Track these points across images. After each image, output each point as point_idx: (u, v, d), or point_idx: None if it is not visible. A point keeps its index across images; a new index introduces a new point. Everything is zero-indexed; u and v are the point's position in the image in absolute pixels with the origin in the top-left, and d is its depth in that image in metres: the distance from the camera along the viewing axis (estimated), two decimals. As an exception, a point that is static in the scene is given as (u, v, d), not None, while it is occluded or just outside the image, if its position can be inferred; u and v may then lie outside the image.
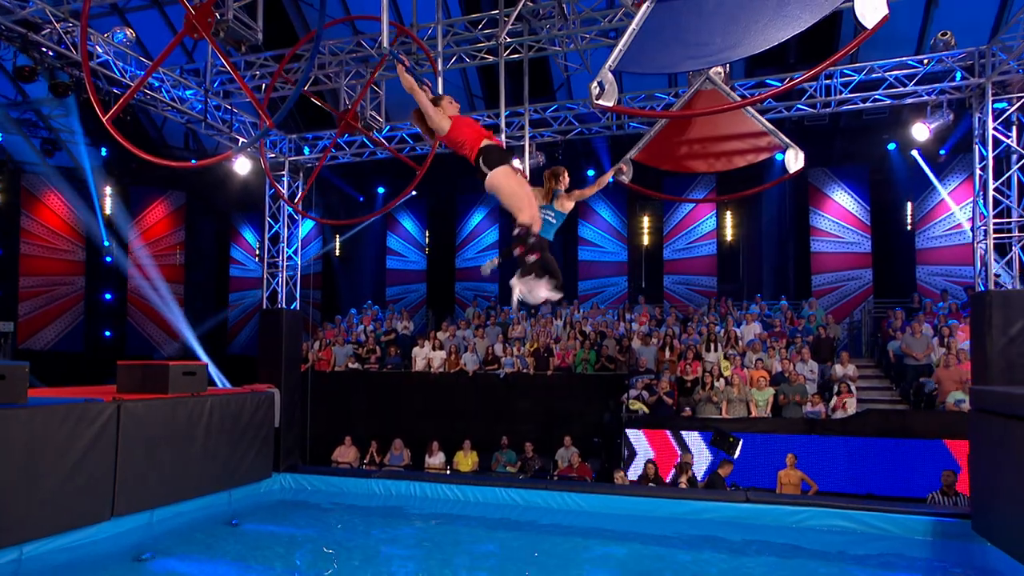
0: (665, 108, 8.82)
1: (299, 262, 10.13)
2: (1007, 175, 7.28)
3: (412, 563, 6.45)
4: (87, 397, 6.22)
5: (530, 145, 8.92)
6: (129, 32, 7.90)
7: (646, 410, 10.30)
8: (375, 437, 11.35)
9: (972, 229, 7.71)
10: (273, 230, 10.04)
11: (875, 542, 6.76)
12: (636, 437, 10.03)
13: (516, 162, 4.64)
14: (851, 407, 9.82)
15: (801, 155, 6.19)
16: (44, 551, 5.66)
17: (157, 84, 8.24)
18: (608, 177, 5.93)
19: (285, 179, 10.00)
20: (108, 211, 17.29)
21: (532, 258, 4.39)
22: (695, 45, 4.00)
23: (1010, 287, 7.19)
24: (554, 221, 5.12)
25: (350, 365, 13.16)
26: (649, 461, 9.31)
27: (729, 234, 15.93)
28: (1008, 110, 7.29)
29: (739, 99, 6.69)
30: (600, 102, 4.03)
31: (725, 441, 8.74)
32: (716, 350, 11.28)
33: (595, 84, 4.01)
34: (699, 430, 9.75)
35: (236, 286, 18.65)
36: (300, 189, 10.20)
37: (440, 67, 5.74)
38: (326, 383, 12.25)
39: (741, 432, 9.09)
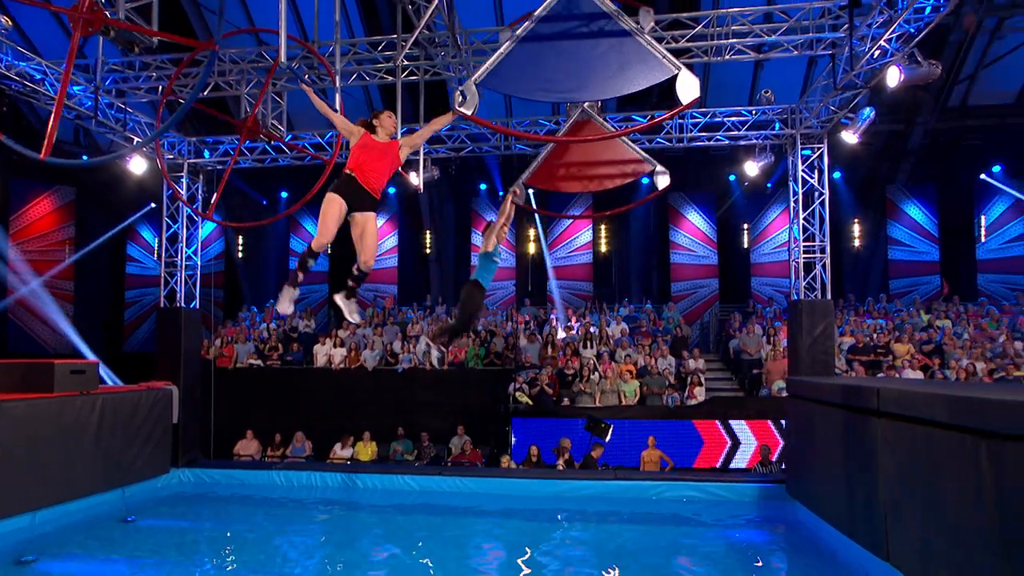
0: (548, 133, 9.11)
1: (199, 261, 9.45)
2: (812, 207, 8.30)
3: (314, 548, 6.24)
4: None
5: (425, 160, 8.92)
6: (5, 19, 7.04)
7: (530, 401, 10.57)
8: (278, 430, 10.80)
9: (788, 250, 8.66)
10: (172, 230, 9.30)
11: (716, 507, 7.41)
12: (521, 425, 10.26)
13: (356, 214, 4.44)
14: (700, 395, 10.61)
15: (667, 176, 6.62)
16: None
17: (40, 77, 7.39)
18: (508, 205, 5.82)
19: (184, 180, 9.30)
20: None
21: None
22: (548, 80, 4.47)
23: (814, 297, 8.14)
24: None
25: (251, 362, 12.44)
26: (532, 446, 9.57)
27: (603, 246, 16.73)
28: (811, 157, 8.37)
29: (613, 130, 7.08)
30: (461, 109, 4.30)
31: (598, 427, 9.17)
32: (591, 347, 11.79)
33: (458, 93, 4.28)
34: (575, 417, 10.13)
35: (133, 283, 17.01)
36: (200, 191, 9.52)
37: (339, 83, 5.62)
38: (228, 379, 11.48)
39: (611, 418, 9.56)
